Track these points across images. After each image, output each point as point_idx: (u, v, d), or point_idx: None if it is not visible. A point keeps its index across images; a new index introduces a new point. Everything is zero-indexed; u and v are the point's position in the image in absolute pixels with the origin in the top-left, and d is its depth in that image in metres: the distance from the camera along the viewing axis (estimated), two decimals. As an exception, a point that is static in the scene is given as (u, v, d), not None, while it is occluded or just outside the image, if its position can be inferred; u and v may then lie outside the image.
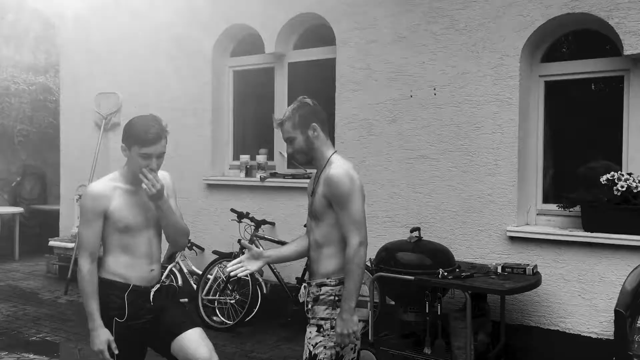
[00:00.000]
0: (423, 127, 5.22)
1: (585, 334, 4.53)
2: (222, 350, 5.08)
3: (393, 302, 4.80)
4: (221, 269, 6.04)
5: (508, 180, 4.83)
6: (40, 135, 9.83)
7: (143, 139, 2.72)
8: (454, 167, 5.07)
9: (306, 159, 2.78)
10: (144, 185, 2.72)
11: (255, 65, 6.63)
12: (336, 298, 2.64)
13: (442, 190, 5.13)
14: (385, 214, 5.41)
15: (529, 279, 4.30)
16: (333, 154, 2.75)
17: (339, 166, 2.66)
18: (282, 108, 6.36)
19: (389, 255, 4.53)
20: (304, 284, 3.03)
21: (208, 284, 6.01)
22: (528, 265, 4.46)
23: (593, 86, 5.09)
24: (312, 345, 2.66)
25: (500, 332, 4.61)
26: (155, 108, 7.02)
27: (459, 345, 4.16)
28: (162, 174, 2.96)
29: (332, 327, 2.61)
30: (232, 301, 5.82)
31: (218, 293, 5.94)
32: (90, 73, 7.71)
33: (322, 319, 2.67)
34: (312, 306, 2.71)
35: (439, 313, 4.30)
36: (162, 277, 6.12)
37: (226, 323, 5.75)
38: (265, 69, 6.54)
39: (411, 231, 4.65)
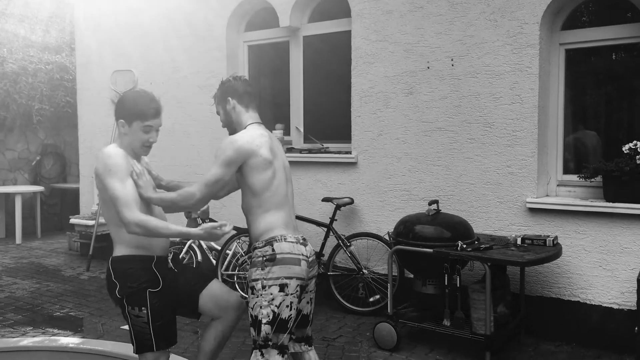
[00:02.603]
0: (440, 98, 5.15)
1: (607, 305, 4.49)
2: (241, 324, 5.10)
3: (412, 275, 4.79)
4: (240, 245, 6.08)
5: (528, 151, 4.76)
6: (58, 114, 9.89)
7: (146, 113, 2.83)
8: (472, 139, 5.01)
9: (230, 129, 3.02)
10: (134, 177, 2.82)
11: (270, 39, 6.57)
12: (264, 258, 2.77)
13: (460, 163, 5.08)
14: (403, 187, 5.38)
15: (549, 251, 4.27)
16: (251, 124, 2.93)
17: (237, 134, 2.86)
18: (297, 82, 6.32)
19: (407, 228, 4.52)
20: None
21: (227, 260, 6.05)
22: (548, 236, 4.42)
23: (614, 54, 4.97)
24: (251, 308, 2.80)
25: (520, 304, 4.60)
26: (171, 85, 7.05)
27: (478, 317, 4.16)
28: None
29: (263, 287, 2.74)
30: (251, 276, 5.86)
31: (237, 268, 5.98)
32: (106, 51, 7.71)
33: (253, 280, 2.79)
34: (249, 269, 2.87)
35: (457, 285, 4.29)
36: (182, 254, 6.23)
37: (245, 297, 5.79)
38: (280, 43, 6.48)
39: (429, 204, 4.63)
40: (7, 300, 5.79)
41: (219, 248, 6.20)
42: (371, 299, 5.33)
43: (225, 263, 6.04)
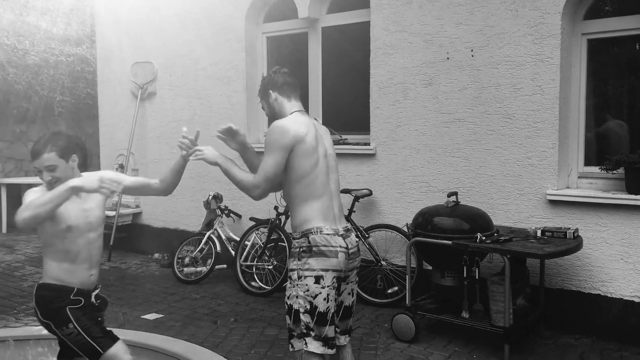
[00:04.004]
0: (460, 90, 5.11)
1: (628, 298, 4.44)
2: (260, 314, 5.18)
3: (430, 267, 4.79)
4: (259, 236, 6.12)
5: (548, 142, 4.71)
6: (79, 106, 10.00)
7: (30, 154, 2.87)
8: (492, 131, 4.97)
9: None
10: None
11: (289, 30, 6.56)
12: (300, 249, 2.80)
13: (480, 154, 5.04)
14: (422, 179, 5.36)
15: (570, 243, 4.23)
16: (294, 112, 2.93)
17: (284, 119, 2.88)
18: (316, 73, 6.31)
19: (426, 220, 4.51)
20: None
21: (246, 250, 6.09)
22: (569, 229, 4.38)
23: (638, 44, 4.89)
24: (287, 297, 2.84)
25: (539, 297, 4.57)
26: (190, 77, 7.09)
27: (497, 309, 4.14)
28: (101, 174, 3.01)
29: (299, 277, 2.78)
30: (269, 267, 5.90)
31: (256, 259, 6.02)
32: (126, 43, 7.76)
33: (290, 270, 2.84)
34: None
35: (476, 278, 4.28)
36: (201, 244, 6.27)
37: (264, 288, 5.84)
38: (299, 34, 6.47)
39: (448, 196, 4.61)
40: (30, 289, 5.88)
41: (238, 239, 6.24)
42: (389, 291, 5.34)
43: (244, 254, 6.08)
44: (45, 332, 4.08)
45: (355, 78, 5.99)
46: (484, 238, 4.17)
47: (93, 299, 2.97)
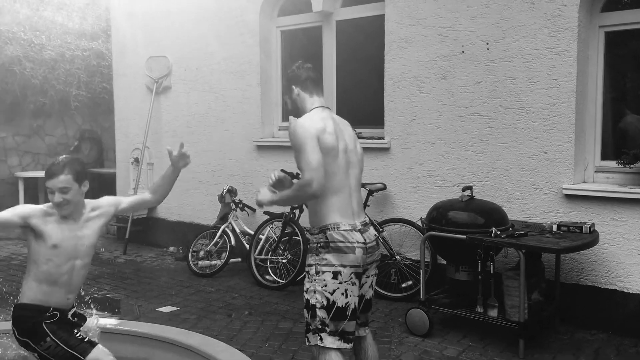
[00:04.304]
0: (475, 83, 5.08)
1: (645, 294, 4.40)
2: (274, 307, 5.20)
3: (444, 262, 4.77)
4: (273, 230, 6.13)
5: (564, 136, 4.67)
6: (95, 100, 10.07)
7: (45, 174, 2.95)
8: (507, 124, 4.93)
9: (298, 117, 2.99)
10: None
11: (303, 24, 6.55)
12: (318, 245, 2.82)
13: (495, 148, 5.01)
14: (436, 173, 5.34)
15: (586, 238, 4.19)
16: (315, 108, 2.95)
17: (301, 118, 2.89)
18: (330, 67, 6.29)
19: (440, 214, 4.50)
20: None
21: (260, 244, 6.12)
22: (585, 223, 4.35)
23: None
24: (305, 292, 2.86)
25: (555, 292, 4.54)
26: (205, 71, 7.11)
27: (512, 304, 4.12)
28: (98, 202, 3.15)
29: (317, 272, 2.80)
30: (283, 261, 5.92)
31: (270, 253, 6.04)
32: (141, 38, 7.80)
33: (308, 265, 2.86)
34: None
35: (491, 272, 4.26)
36: (216, 238, 6.30)
37: (278, 282, 5.86)
38: (313, 28, 6.46)
39: (463, 190, 4.59)
40: (48, 281, 5.97)
41: (252, 232, 6.26)
42: (403, 285, 5.34)
43: (259, 247, 6.10)
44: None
45: (370, 72, 5.97)
46: (498, 232, 4.15)
47: (69, 317, 3.07)
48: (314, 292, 2.80)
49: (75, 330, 3.04)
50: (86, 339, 3.00)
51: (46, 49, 9.51)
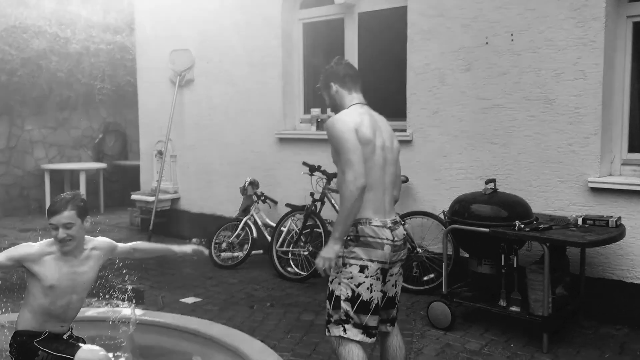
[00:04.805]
0: (499, 75, 5.02)
1: (673, 289, 4.33)
2: (296, 299, 5.22)
3: (467, 255, 4.74)
4: (294, 222, 6.15)
5: (591, 128, 4.59)
6: (119, 93, 10.19)
7: (48, 212, 2.98)
8: (531, 117, 4.87)
9: (336, 113, 3.00)
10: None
11: (325, 16, 6.53)
12: (348, 238, 2.82)
13: (519, 141, 4.95)
14: (459, 166, 5.30)
15: (612, 232, 4.13)
16: (353, 105, 2.94)
17: (337, 115, 2.90)
18: (352, 59, 6.26)
19: (463, 207, 4.46)
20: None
21: (282, 236, 6.14)
22: (611, 217, 4.28)
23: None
24: (330, 282, 2.89)
25: (579, 286, 4.48)
26: (227, 63, 7.13)
27: (536, 298, 4.08)
28: (98, 241, 3.21)
29: (344, 264, 2.82)
30: (305, 253, 5.94)
31: (292, 245, 6.06)
32: (164, 31, 7.85)
33: (338, 257, 2.85)
34: None
35: (515, 266, 4.22)
36: (238, 230, 6.34)
37: (300, 274, 5.88)
38: (335, 20, 6.44)
39: (486, 183, 4.55)
40: (74, 272, 6.07)
41: (274, 225, 6.29)
42: (425, 278, 5.32)
43: (280, 239, 6.12)
44: (89, 313, 4.22)
45: (392, 64, 5.94)
46: (522, 226, 4.10)
47: (64, 338, 3.13)
48: (339, 283, 2.83)
49: (65, 337, 3.11)
50: (74, 343, 3.08)
51: (71, 42, 9.64)
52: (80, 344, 3.06)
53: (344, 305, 2.80)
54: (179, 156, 7.74)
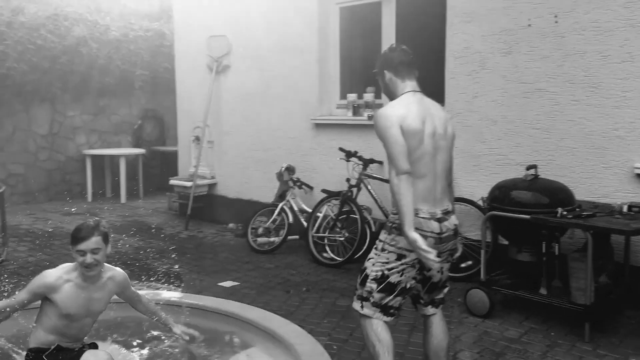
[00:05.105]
0: (542, 58, 4.88)
1: None
2: (332, 284, 5.23)
3: (506, 242, 4.66)
4: (330, 207, 6.14)
5: (637, 113, 4.44)
6: (157, 79, 10.31)
7: (75, 238, 3.01)
8: (575, 101, 4.73)
9: (391, 100, 3.00)
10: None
11: (362, 0, 6.46)
12: (392, 225, 2.86)
13: (562, 126, 4.82)
14: (499, 152, 5.20)
15: (659, 220, 4.00)
16: (404, 93, 2.92)
17: (383, 107, 2.89)
18: (389, 44, 6.18)
19: (502, 193, 4.39)
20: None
21: (318, 222, 6.14)
22: (658, 204, 4.14)
23: None
24: (367, 259, 2.97)
25: (624, 275, 4.36)
26: (263, 49, 7.13)
27: (578, 286, 3.99)
28: (116, 272, 3.26)
29: (382, 249, 2.88)
30: (341, 239, 5.93)
31: (327, 230, 6.06)
32: (201, 17, 7.89)
33: (379, 239, 2.95)
34: None
35: (556, 254, 4.13)
36: (274, 215, 6.37)
37: (335, 259, 5.88)
38: (372, 3, 6.36)
39: (527, 169, 4.45)
40: (115, 255, 6.19)
41: (310, 210, 6.30)
42: (463, 265, 5.25)
43: (316, 225, 6.13)
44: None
45: (430, 48, 5.84)
46: (565, 213, 4.01)
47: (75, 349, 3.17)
48: (374, 264, 2.90)
49: (76, 349, 3.16)
50: (84, 348, 3.15)
51: (110, 29, 9.77)
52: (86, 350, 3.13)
53: (370, 284, 2.88)
54: (216, 142, 7.80)
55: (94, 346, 3.27)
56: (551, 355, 3.76)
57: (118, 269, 3.33)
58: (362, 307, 2.92)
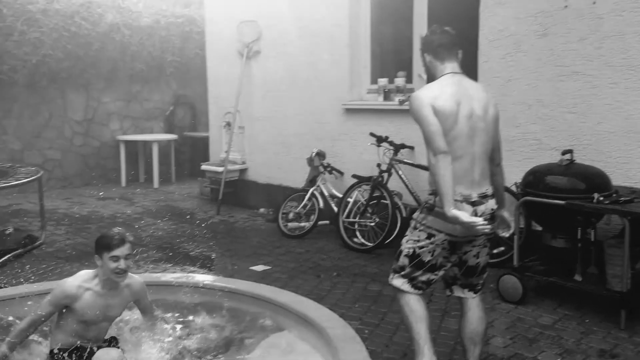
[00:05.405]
0: (579, 40, 4.77)
1: None
2: (363, 269, 5.24)
3: (540, 228, 4.60)
4: (361, 193, 6.14)
5: (679, 96, 4.32)
6: (188, 65, 10.38)
7: (110, 245, 3.12)
8: (613, 84, 4.62)
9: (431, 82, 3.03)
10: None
11: (393, -17, 6.39)
12: (425, 204, 2.96)
13: (599, 110, 4.71)
14: (533, 136, 5.11)
15: (700, 206, 3.89)
16: (443, 75, 2.93)
17: (416, 92, 2.92)
18: (421, 27, 6.11)
19: (537, 178, 4.32)
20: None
21: (348, 207, 6.14)
22: (699, 190, 4.03)
23: None
24: (403, 237, 3.08)
25: (662, 262, 4.27)
26: (293, 34, 7.12)
27: (614, 273, 3.92)
28: (134, 280, 3.35)
29: (415, 228, 2.99)
30: (371, 224, 5.93)
31: (358, 216, 6.06)
32: (232, 3, 7.90)
33: (412, 218, 3.05)
34: None
35: (592, 240, 4.06)
36: (305, 200, 6.39)
37: (366, 245, 5.88)
38: (404, -13, 6.28)
39: (562, 154, 4.37)
40: (149, 239, 6.32)
41: (340, 195, 6.30)
42: (495, 251, 5.19)
43: (347, 210, 6.13)
44: (166, 278, 4.38)
45: (463, 31, 5.72)
46: (601, 198, 3.93)
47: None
48: (407, 241, 3.01)
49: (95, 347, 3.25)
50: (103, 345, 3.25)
51: (143, 16, 9.85)
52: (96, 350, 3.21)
53: (403, 260, 3.01)
54: (247, 127, 7.84)
55: (114, 340, 3.37)
56: (586, 342, 3.71)
57: (137, 277, 3.44)
58: (392, 279, 3.06)
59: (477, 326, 3.05)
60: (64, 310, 3.19)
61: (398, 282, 3.03)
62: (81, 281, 3.19)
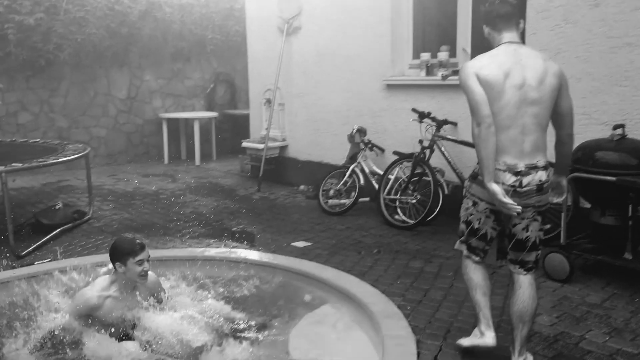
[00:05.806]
0: (633, 10, 4.57)
1: None
2: (404, 246, 5.21)
3: (588, 205, 4.47)
4: (402, 170, 6.08)
5: None
6: (228, 43, 10.41)
7: (135, 250, 3.25)
8: (669, 55, 4.42)
9: None
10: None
11: (436, -45, 6.23)
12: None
13: (653, 83, 4.53)
14: (583, 111, 4.95)
15: None
16: (500, 45, 2.94)
17: (466, 62, 3.02)
18: (465, 1, 5.96)
19: (586, 154, 4.19)
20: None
21: (389, 184, 6.10)
22: None
23: None
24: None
25: None
26: (334, 9, 7.04)
27: (667, 252, 3.80)
28: (150, 275, 3.44)
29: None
30: (413, 201, 5.88)
31: (399, 193, 6.01)
32: (271, -22, 7.85)
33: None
34: None
35: (643, 217, 3.93)
36: (345, 177, 6.37)
37: (407, 222, 5.84)
38: (447, -42, 6.12)
39: (614, 128, 4.22)
40: (192, 215, 6.41)
41: (381, 172, 6.25)
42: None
43: (388, 187, 6.09)
44: (209, 253, 4.45)
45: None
46: (654, 175, 3.79)
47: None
48: (462, 209, 3.15)
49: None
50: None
51: (183, -7, 9.90)
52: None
53: (461, 225, 3.16)
54: (287, 104, 7.83)
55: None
56: (635, 321, 3.62)
57: (150, 273, 3.50)
58: (455, 243, 3.23)
59: (527, 305, 2.98)
60: (89, 321, 3.29)
61: (459, 246, 3.19)
62: (100, 290, 3.31)
